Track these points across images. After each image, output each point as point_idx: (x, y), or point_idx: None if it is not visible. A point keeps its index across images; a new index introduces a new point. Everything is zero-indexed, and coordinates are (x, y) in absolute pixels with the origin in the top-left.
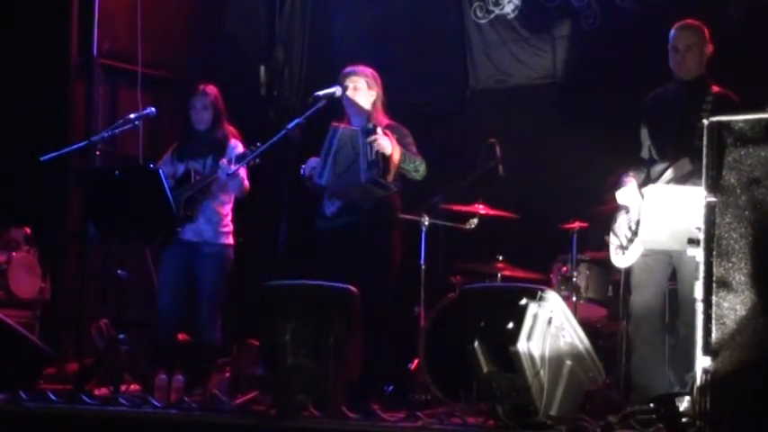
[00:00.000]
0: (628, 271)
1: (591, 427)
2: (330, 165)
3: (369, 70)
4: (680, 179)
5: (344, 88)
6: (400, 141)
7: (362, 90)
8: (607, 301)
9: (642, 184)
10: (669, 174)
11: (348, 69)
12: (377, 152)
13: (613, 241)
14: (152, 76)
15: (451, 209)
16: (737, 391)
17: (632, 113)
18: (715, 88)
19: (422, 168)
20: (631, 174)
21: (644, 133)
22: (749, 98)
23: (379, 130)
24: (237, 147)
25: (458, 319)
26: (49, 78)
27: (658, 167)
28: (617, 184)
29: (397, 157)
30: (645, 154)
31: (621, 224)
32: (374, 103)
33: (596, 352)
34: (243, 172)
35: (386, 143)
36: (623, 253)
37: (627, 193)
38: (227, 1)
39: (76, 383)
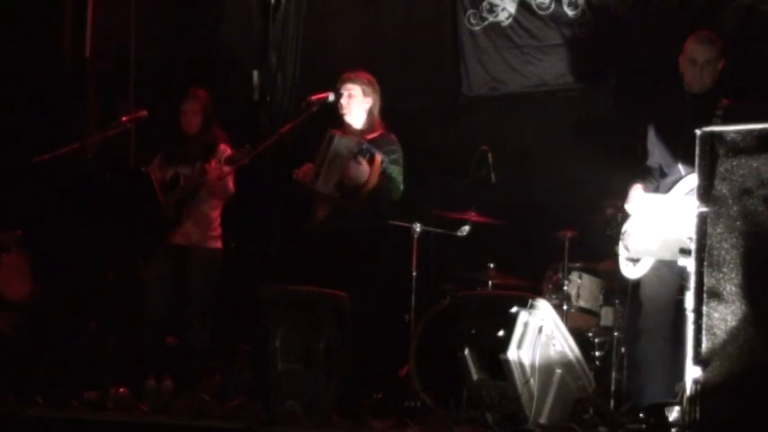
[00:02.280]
0: (635, 283)
1: None
2: (324, 172)
3: (366, 76)
4: (692, 193)
5: (339, 95)
6: (385, 155)
7: (357, 97)
8: (598, 310)
9: None
10: (682, 187)
11: (345, 75)
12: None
13: (623, 253)
14: (145, 80)
15: (443, 216)
16: (727, 402)
17: (626, 121)
18: (725, 101)
19: (396, 192)
20: (639, 185)
21: (651, 142)
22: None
23: (364, 160)
24: (226, 151)
25: (448, 327)
26: (42, 80)
27: (669, 180)
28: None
29: (369, 186)
30: (651, 162)
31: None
32: (370, 111)
33: (587, 361)
34: (229, 176)
35: (361, 174)
36: (634, 265)
37: (639, 203)
38: (221, 5)
39: (65, 387)
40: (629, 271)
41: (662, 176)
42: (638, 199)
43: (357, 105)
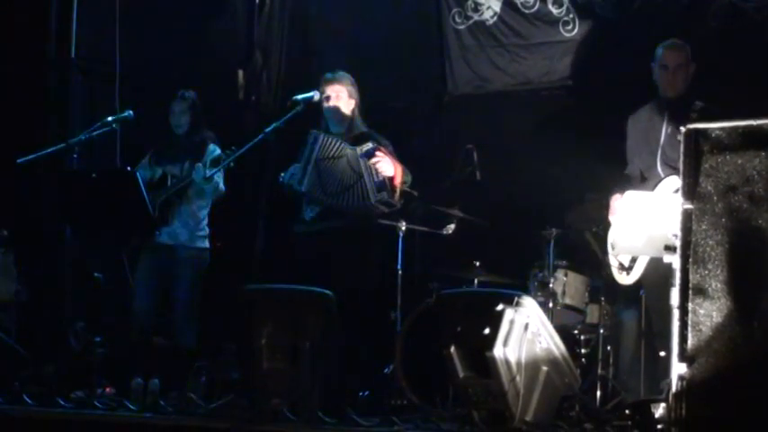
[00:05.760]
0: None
1: None
2: (311, 172)
3: (349, 78)
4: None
5: (327, 98)
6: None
7: (344, 99)
8: (584, 308)
9: None
10: (663, 188)
11: (329, 76)
12: (381, 174)
13: (613, 263)
14: (130, 79)
15: (429, 214)
16: (713, 398)
17: (611, 119)
18: (698, 104)
19: (409, 180)
20: (619, 195)
21: (631, 150)
22: (724, 104)
23: (378, 153)
24: (215, 151)
25: (434, 325)
26: (27, 80)
27: (650, 184)
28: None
29: (399, 177)
30: (630, 170)
31: None
32: (353, 111)
33: (572, 358)
34: (219, 176)
35: (387, 166)
36: (627, 273)
37: (624, 201)
38: (207, 5)
39: (52, 386)
40: (624, 279)
41: (642, 181)
42: (622, 198)
43: (343, 106)
